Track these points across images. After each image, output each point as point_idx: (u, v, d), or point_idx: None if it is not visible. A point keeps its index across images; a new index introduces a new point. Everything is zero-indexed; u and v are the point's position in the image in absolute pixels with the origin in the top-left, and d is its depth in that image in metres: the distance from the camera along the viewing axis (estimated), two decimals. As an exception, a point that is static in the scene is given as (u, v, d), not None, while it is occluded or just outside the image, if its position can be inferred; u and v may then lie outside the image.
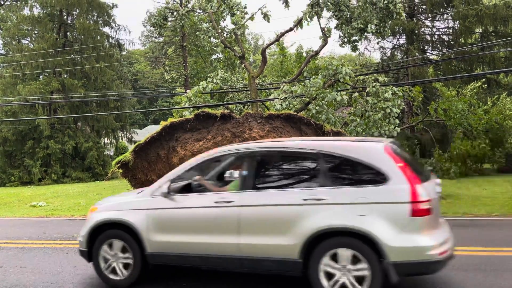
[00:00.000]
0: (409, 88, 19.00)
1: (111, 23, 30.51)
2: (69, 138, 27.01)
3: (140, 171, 11.70)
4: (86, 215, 11.00)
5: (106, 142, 31.89)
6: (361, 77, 15.12)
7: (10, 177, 26.37)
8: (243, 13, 16.41)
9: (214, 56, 32.48)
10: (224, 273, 5.17)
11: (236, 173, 4.87)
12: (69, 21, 30.05)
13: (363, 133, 13.01)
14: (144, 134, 28.02)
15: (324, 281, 4.01)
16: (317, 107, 12.78)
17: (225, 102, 20.25)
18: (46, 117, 26.39)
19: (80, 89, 27.25)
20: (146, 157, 11.58)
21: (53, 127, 27.22)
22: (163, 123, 11.66)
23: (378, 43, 25.59)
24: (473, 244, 6.20)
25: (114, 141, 32.04)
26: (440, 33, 25.04)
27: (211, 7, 16.65)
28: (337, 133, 10.88)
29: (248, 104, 18.50)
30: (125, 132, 32.43)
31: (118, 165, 11.45)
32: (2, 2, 32.83)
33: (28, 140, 26.74)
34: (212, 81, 16.36)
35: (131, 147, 12.48)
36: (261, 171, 4.64)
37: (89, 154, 27.36)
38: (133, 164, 11.38)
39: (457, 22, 22.93)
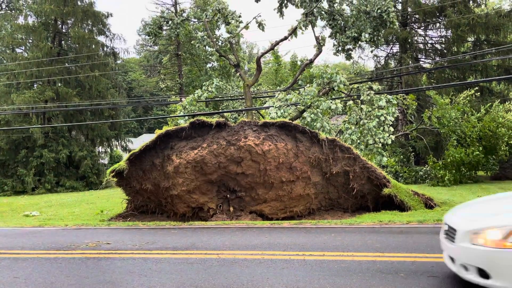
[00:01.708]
0: (403, 96, 19.14)
1: (106, 32, 30.54)
2: (63, 147, 26.86)
3: (135, 179, 11.66)
4: (80, 224, 10.93)
5: (100, 150, 31.72)
6: (356, 85, 15.22)
7: (3, 187, 26.11)
8: (238, 22, 16.52)
9: (209, 65, 32.54)
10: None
11: None
12: (63, 30, 30.03)
13: (358, 141, 13.05)
14: (139, 142, 27.97)
15: None
16: (312, 115, 12.82)
17: (220, 111, 20.27)
18: (40, 126, 26.24)
19: (74, 98, 27.18)
20: (141, 166, 11.54)
21: (47, 136, 27.06)
22: (158, 132, 11.65)
23: (372, 51, 25.83)
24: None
25: (108, 149, 31.90)
26: (433, 42, 25.29)
27: (206, 16, 16.74)
28: (332, 141, 10.92)
29: (243, 112, 18.53)
30: (119, 141, 32.29)
31: (113, 173, 11.39)
32: (-4, 11, 32.79)
33: (22, 149, 26.55)
34: (207, 90, 16.38)
35: (125, 156, 12.44)
36: None
37: (83, 163, 27.20)
38: (128, 172, 11.34)
39: (450, 31, 23.19)
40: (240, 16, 16.66)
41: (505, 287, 3.86)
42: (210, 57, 26.03)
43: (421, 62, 25.57)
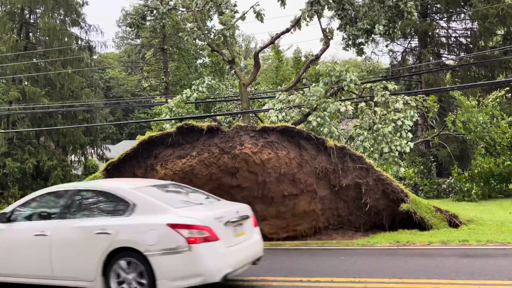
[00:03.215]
0: (423, 97, 19.20)
1: (81, 23, 30.63)
2: (29, 156, 26.77)
3: (113, 193, 11.62)
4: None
5: (73, 159, 31.63)
6: (368, 85, 15.27)
7: (-41, 201, 26.02)
8: (233, 12, 16.58)
9: (199, 61, 32.69)
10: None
11: None
12: (31, 21, 30.10)
13: (371, 149, 13.07)
14: (117, 150, 27.93)
15: None
16: (318, 119, 12.84)
17: (212, 113, 20.30)
18: (3, 131, 26.18)
19: (43, 98, 27.15)
20: (120, 177, 11.52)
21: (11, 142, 26.98)
22: (140, 138, 11.65)
23: (387, 46, 25.94)
24: (499, 278, 6.20)
25: (82, 158, 31.82)
26: (457, 35, 25.45)
27: (196, 4, 16.80)
28: (342, 149, 10.93)
29: (239, 115, 18.55)
30: (95, 148, 32.23)
31: (87, 186, 11.36)
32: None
33: (-18, 158, 26.48)
34: (197, 89, 16.41)
35: (102, 166, 12.42)
36: None
37: (53, 174, 27.11)
38: (105, 185, 11.31)
39: (476, 22, 23.33)
40: (235, 5, 16.73)
41: None
42: (200, 52, 26.15)
43: (443, 59, 25.71)
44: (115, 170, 11.46)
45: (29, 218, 6.51)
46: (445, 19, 25.27)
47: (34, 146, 27.62)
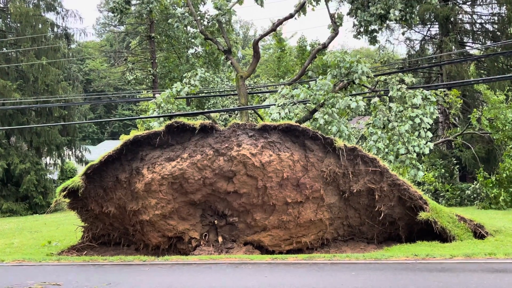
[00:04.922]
0: (444, 91, 19.23)
1: (57, 8, 30.64)
2: (-1, 158, 26.78)
3: (94, 200, 11.63)
4: (21, 259, 10.86)
5: (48, 162, 31.62)
6: (382, 78, 15.29)
7: None
8: (229, -5, 16.60)
9: (191, 51, 32.68)
10: None
11: None
12: (1, 5, 30.10)
13: (386, 150, 13.08)
14: (99, 152, 27.91)
15: None
16: (326, 116, 12.86)
17: (206, 110, 20.31)
18: (-31, 129, 26.17)
19: (14, 93, 27.16)
20: (102, 182, 11.52)
21: (-22, 143, 26.99)
22: (124, 138, 11.65)
23: (403, 33, 25.98)
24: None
25: (59, 161, 31.82)
26: (483, 21, 25.47)
27: (188, -13, 16.84)
28: (352, 150, 10.94)
29: (236, 112, 18.57)
30: (73, 150, 32.22)
31: (64, 193, 11.36)
32: None
33: None
34: (189, 83, 16.42)
35: (81, 170, 12.43)
36: None
37: (25, 179, 27.11)
38: (84, 191, 11.31)
39: (504, 7, 23.37)
40: (232, -13, 16.78)
41: None
42: (192, 40, 26.15)
43: (467, 48, 25.72)
44: (96, 174, 11.47)
45: None
46: (469, 3, 25.31)
47: (4, 147, 27.62)
